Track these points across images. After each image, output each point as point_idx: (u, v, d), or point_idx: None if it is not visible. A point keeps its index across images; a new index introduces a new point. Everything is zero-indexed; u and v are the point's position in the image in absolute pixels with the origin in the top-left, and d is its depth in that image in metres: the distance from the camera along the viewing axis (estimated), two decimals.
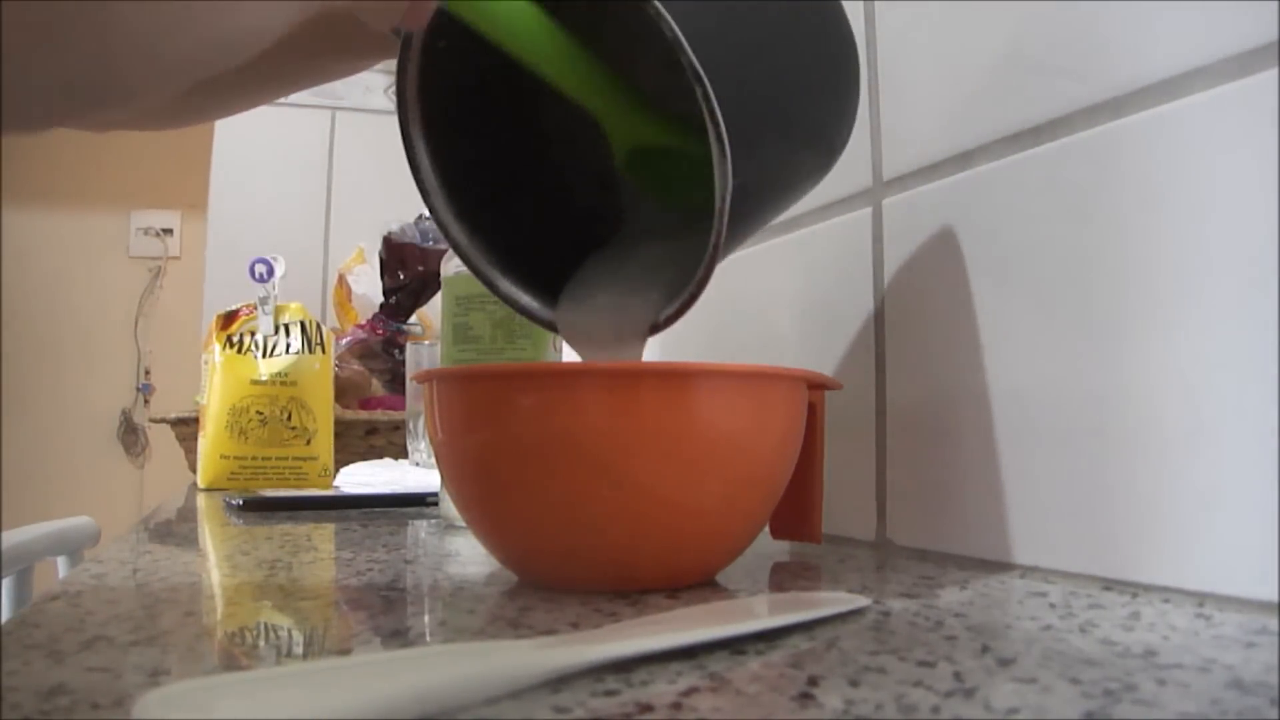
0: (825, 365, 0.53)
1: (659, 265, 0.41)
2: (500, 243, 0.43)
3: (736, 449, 0.36)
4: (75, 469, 2.62)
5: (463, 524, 0.49)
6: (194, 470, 1.02)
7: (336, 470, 0.94)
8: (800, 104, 0.39)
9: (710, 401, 0.35)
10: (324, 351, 0.98)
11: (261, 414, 0.93)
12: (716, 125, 0.32)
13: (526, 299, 0.42)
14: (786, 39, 0.38)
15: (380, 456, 1.06)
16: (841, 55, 0.41)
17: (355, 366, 1.21)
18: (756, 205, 0.38)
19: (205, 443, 0.93)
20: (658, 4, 0.31)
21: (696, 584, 0.37)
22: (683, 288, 0.37)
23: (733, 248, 0.38)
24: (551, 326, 0.42)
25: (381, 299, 1.32)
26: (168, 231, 2.77)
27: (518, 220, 0.44)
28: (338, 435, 0.98)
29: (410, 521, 0.63)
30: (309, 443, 0.94)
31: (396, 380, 1.22)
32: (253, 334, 0.96)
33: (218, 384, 0.94)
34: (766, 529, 0.44)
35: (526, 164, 0.45)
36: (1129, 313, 0.35)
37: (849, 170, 0.51)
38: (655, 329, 0.38)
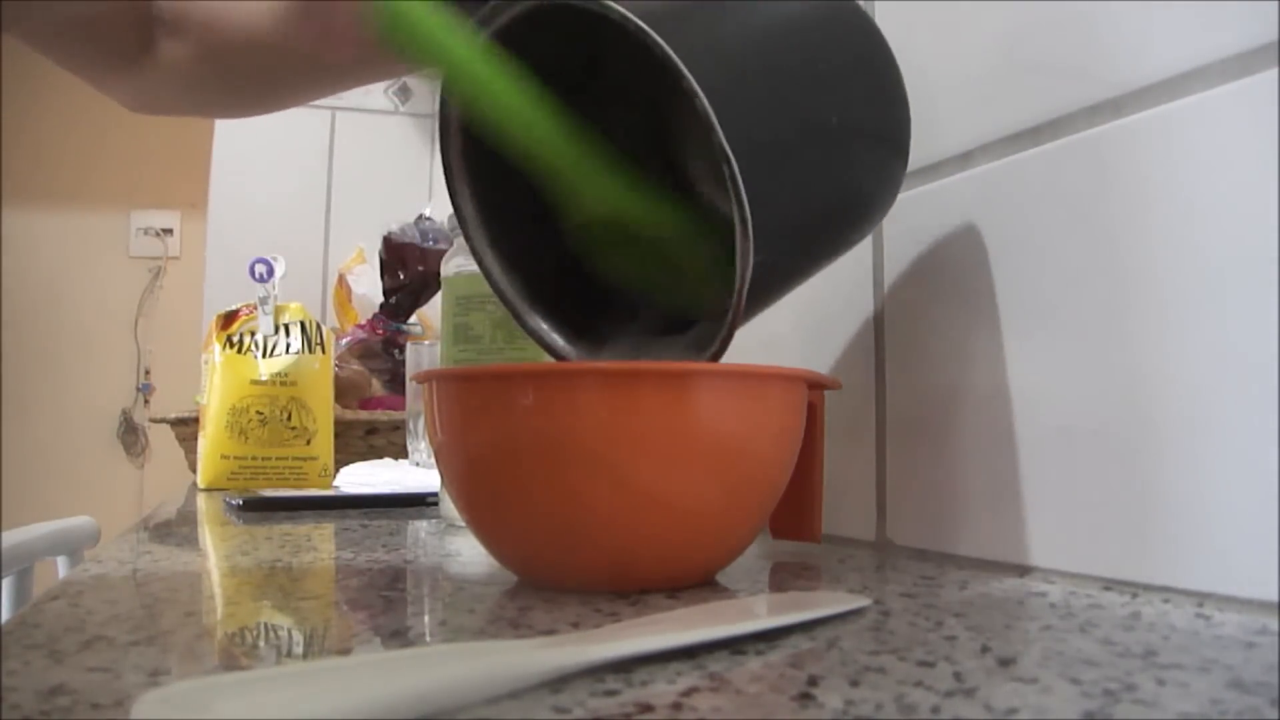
0: (825, 365, 0.53)
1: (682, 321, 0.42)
2: (531, 275, 0.44)
3: (736, 449, 0.36)
4: (75, 469, 2.62)
5: (463, 524, 0.49)
6: (194, 470, 1.02)
7: (336, 470, 0.94)
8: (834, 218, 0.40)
9: (710, 401, 0.35)
10: (324, 351, 0.97)
11: (261, 414, 0.93)
12: (741, 205, 0.33)
13: (553, 335, 0.44)
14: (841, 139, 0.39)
15: (380, 456, 1.06)
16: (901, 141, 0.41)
17: (355, 366, 1.21)
18: (775, 282, 0.39)
19: (205, 443, 0.93)
20: (692, 81, 0.32)
21: (696, 584, 0.37)
22: (707, 343, 0.38)
23: (754, 314, 0.39)
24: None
25: (381, 299, 1.32)
26: (168, 231, 2.77)
27: (546, 257, 0.44)
28: (338, 435, 0.98)
29: (410, 521, 0.62)
30: (309, 443, 0.94)
31: (396, 380, 1.22)
32: (253, 334, 0.96)
33: (218, 384, 0.94)
34: (766, 529, 0.44)
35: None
36: (1129, 312, 0.35)
37: None
38: None
